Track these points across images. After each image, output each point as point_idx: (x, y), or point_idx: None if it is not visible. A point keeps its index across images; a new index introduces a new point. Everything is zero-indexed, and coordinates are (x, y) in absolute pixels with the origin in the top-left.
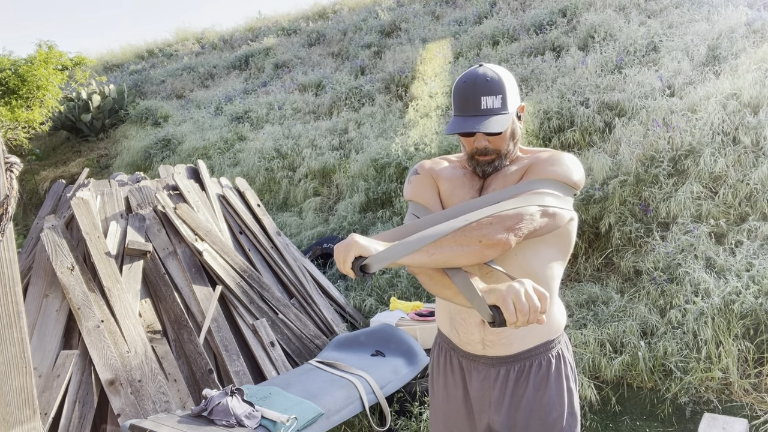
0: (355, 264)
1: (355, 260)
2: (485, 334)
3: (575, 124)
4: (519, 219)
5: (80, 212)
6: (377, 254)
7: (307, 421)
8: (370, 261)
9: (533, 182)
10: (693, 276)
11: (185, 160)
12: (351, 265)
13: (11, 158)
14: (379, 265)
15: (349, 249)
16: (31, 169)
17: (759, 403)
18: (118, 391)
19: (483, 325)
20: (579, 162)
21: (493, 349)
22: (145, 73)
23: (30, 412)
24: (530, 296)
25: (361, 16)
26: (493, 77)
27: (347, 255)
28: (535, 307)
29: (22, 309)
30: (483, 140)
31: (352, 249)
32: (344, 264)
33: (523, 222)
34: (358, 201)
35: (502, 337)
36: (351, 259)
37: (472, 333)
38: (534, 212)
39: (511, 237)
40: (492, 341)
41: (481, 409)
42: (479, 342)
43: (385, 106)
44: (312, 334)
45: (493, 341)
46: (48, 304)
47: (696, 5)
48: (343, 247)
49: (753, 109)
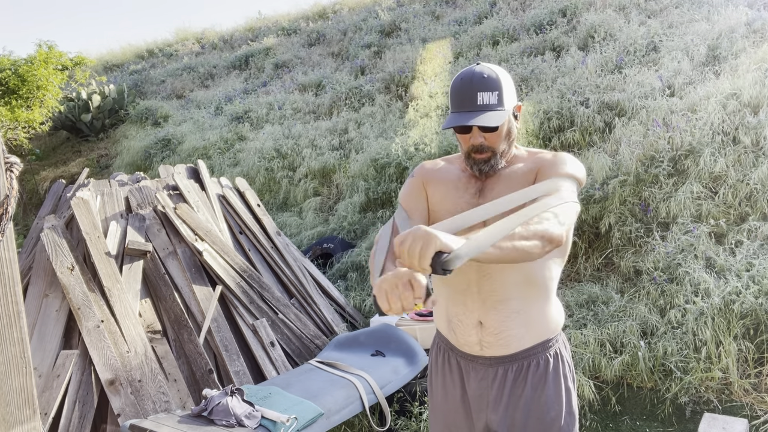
0: (435, 260)
1: (434, 256)
2: (483, 335)
3: (575, 124)
4: (568, 214)
5: (80, 212)
6: (460, 249)
7: (307, 421)
8: (453, 256)
9: (554, 180)
10: (693, 276)
11: (185, 160)
12: (432, 262)
13: (11, 158)
14: (461, 261)
15: (428, 243)
16: (31, 169)
17: (759, 403)
18: (118, 391)
19: (480, 327)
20: (578, 161)
21: (491, 350)
22: (145, 73)
23: (30, 412)
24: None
25: (361, 16)
26: (490, 75)
27: (426, 250)
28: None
29: (22, 309)
30: (479, 137)
31: (432, 243)
32: (421, 260)
33: (571, 216)
34: (358, 201)
35: (500, 338)
36: (431, 255)
37: (469, 334)
38: (574, 207)
39: (563, 231)
40: (489, 342)
41: (479, 409)
42: (477, 343)
43: (385, 106)
44: (312, 334)
45: (490, 342)
46: (48, 304)
47: (696, 5)
48: (419, 240)
49: (753, 109)
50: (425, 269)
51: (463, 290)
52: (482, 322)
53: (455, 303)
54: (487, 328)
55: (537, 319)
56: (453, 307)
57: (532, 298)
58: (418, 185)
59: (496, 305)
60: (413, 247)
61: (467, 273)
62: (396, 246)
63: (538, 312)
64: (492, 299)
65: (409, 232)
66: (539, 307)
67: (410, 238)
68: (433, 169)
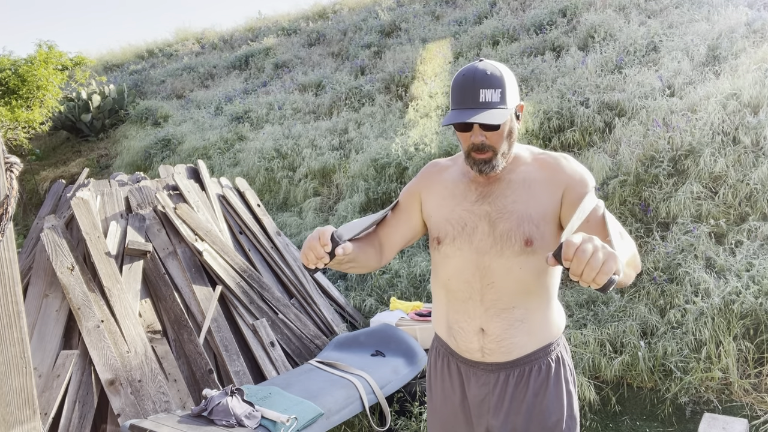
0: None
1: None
2: (485, 342)
3: (575, 124)
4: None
5: (80, 212)
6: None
7: (307, 421)
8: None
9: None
10: (693, 276)
11: (185, 160)
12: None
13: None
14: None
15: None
16: (31, 169)
17: (759, 403)
18: (118, 391)
19: (482, 334)
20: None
21: (492, 357)
22: (145, 73)
23: (30, 412)
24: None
25: (361, 16)
26: (494, 72)
27: (324, 235)
28: (596, 264)
29: (22, 309)
30: (480, 135)
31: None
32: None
33: None
34: (358, 201)
35: (502, 345)
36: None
37: (470, 341)
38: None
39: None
40: (491, 349)
41: (479, 414)
42: (478, 350)
43: (385, 106)
44: (312, 334)
45: (492, 349)
46: (48, 304)
47: (696, 5)
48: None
49: (753, 109)
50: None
51: (465, 299)
52: (484, 329)
53: (456, 311)
54: (489, 336)
55: (540, 326)
56: (454, 314)
57: (535, 305)
58: (415, 192)
59: (499, 313)
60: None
61: (471, 282)
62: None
63: (541, 318)
64: (495, 308)
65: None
66: (542, 313)
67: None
68: (435, 173)
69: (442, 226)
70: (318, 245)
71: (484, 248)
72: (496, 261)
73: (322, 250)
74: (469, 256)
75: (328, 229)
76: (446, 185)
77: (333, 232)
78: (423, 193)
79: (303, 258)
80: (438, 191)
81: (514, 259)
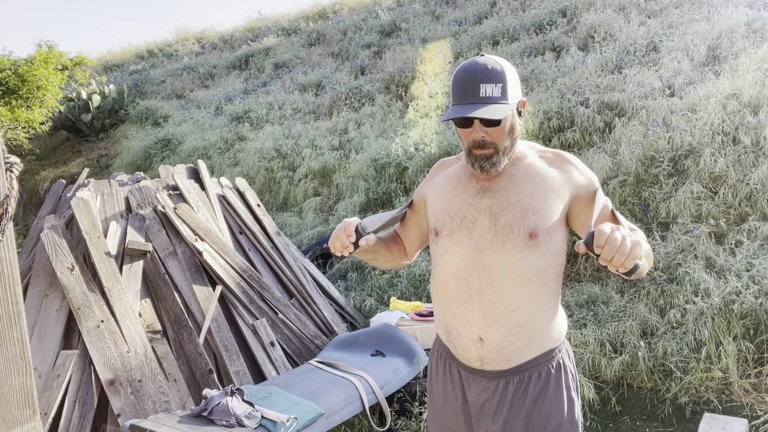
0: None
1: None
2: (483, 352)
3: (575, 124)
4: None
5: (80, 212)
6: (370, 217)
7: (307, 421)
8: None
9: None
10: (693, 276)
11: (185, 160)
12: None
13: (11, 158)
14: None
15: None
16: (31, 169)
17: (759, 403)
18: (118, 391)
19: (481, 343)
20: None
21: (492, 365)
22: (145, 73)
23: (30, 412)
24: (625, 244)
25: (361, 16)
26: (495, 66)
27: (349, 227)
28: (624, 250)
29: (22, 309)
30: (480, 131)
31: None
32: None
33: None
34: (358, 201)
35: (501, 354)
36: (353, 229)
37: (469, 350)
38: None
39: None
40: (491, 359)
41: (479, 419)
42: (477, 359)
43: (385, 106)
44: (312, 334)
45: (491, 359)
46: (48, 304)
47: (696, 5)
48: (341, 225)
49: (753, 109)
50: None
51: (463, 301)
52: (483, 338)
53: (454, 315)
54: (488, 345)
55: (540, 331)
56: (452, 319)
57: (537, 309)
58: (420, 192)
59: (498, 318)
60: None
61: (469, 281)
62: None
63: (542, 324)
64: (494, 312)
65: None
66: (543, 319)
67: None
68: (440, 170)
69: (440, 217)
70: (344, 235)
71: (483, 243)
72: (497, 257)
73: (347, 240)
74: (468, 252)
75: (354, 220)
76: (449, 177)
77: (358, 224)
78: (427, 190)
79: (331, 246)
80: (440, 184)
81: (515, 254)
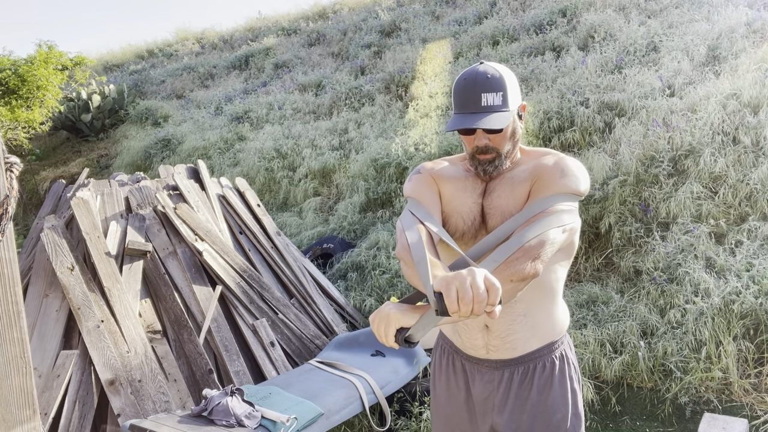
0: (398, 336)
1: (397, 333)
2: (489, 338)
3: (575, 124)
4: (542, 246)
5: (80, 212)
6: (417, 323)
7: (307, 421)
8: (413, 332)
9: (546, 200)
10: (693, 276)
11: (185, 160)
12: (395, 339)
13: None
14: (422, 332)
15: (389, 323)
16: (31, 169)
17: (759, 403)
18: (118, 391)
19: (486, 330)
20: (583, 167)
21: (497, 353)
22: (145, 73)
23: (30, 412)
24: (477, 286)
25: (361, 16)
26: (494, 74)
27: (388, 329)
28: (480, 297)
29: (22, 309)
30: (483, 138)
31: (392, 323)
32: (387, 338)
33: (547, 248)
34: (358, 201)
35: (506, 342)
36: (393, 333)
37: (475, 338)
38: (555, 235)
39: (538, 265)
40: (496, 346)
41: (484, 411)
42: (483, 347)
43: (385, 106)
44: (312, 334)
45: (497, 346)
46: (48, 304)
47: (696, 5)
48: (382, 321)
49: (753, 109)
50: (392, 345)
51: None
52: (488, 325)
53: None
54: (494, 332)
55: (543, 322)
56: None
57: (539, 301)
58: (429, 180)
59: (502, 308)
60: (377, 327)
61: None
62: (371, 322)
63: (545, 314)
64: None
65: (375, 314)
66: (546, 310)
67: (377, 317)
68: (438, 168)
69: (454, 221)
70: (383, 335)
71: (487, 242)
72: None
73: (391, 340)
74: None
75: (393, 319)
76: (456, 178)
77: (400, 329)
78: (438, 182)
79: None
80: (450, 183)
81: None
